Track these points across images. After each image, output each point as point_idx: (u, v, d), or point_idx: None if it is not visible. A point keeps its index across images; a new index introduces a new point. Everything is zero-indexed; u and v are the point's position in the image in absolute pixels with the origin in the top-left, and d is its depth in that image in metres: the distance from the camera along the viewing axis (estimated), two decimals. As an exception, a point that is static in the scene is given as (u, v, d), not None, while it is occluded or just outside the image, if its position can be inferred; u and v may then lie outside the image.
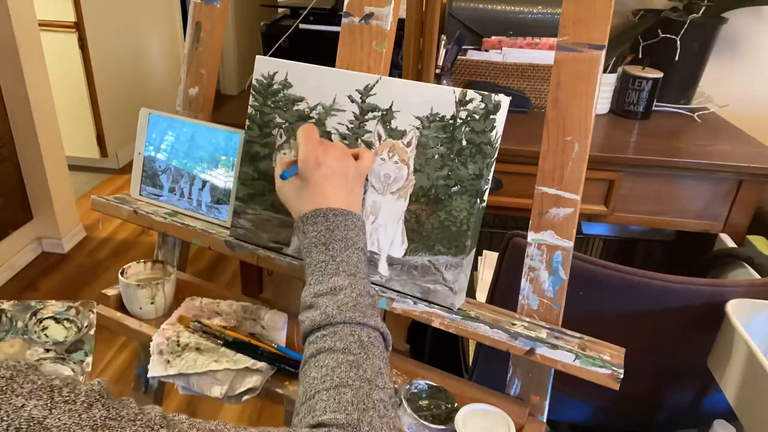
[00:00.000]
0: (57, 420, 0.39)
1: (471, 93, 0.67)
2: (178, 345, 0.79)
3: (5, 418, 0.38)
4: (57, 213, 2.41)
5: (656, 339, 0.93)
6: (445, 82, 1.45)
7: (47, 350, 0.70)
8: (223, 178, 0.88)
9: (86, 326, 0.74)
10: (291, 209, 0.67)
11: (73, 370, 0.68)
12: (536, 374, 0.74)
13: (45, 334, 0.74)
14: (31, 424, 0.38)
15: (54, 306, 0.76)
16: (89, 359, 0.70)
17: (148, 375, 0.75)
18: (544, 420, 0.75)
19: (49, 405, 0.39)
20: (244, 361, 0.76)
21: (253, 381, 0.74)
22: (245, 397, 0.74)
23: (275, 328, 0.83)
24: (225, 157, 0.88)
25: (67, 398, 0.40)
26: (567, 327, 0.72)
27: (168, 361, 0.76)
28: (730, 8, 1.55)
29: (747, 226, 1.39)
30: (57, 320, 0.75)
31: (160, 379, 0.76)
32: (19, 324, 0.74)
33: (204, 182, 0.90)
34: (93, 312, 0.76)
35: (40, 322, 0.75)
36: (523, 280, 0.73)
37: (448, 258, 0.70)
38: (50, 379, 0.41)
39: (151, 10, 3.50)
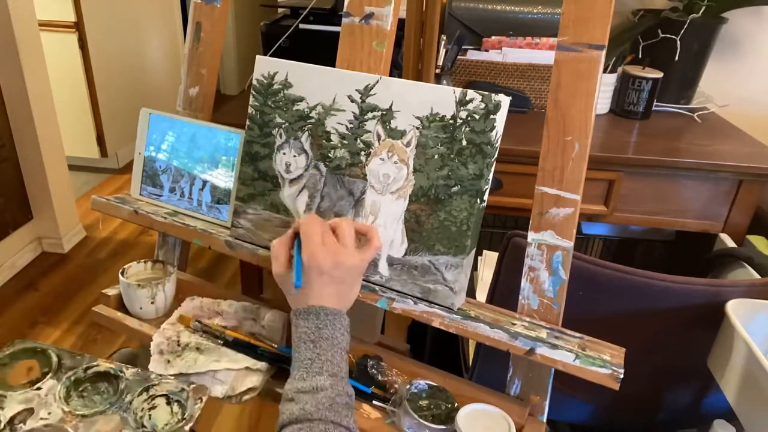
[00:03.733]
0: None
1: (471, 93, 0.67)
2: (179, 345, 0.79)
3: None
4: (57, 213, 2.41)
5: (656, 339, 0.93)
6: (445, 82, 1.45)
7: None
8: (224, 178, 0.88)
9: (188, 417, 0.68)
10: (287, 296, 0.71)
11: None
12: (536, 374, 0.74)
13: (150, 415, 0.68)
14: None
15: (169, 384, 0.71)
16: None
17: (149, 375, 0.75)
18: (544, 420, 0.75)
19: None
20: (245, 360, 0.76)
21: (253, 381, 0.74)
22: (246, 397, 0.74)
23: (276, 328, 0.83)
24: (225, 157, 0.88)
25: None
26: (567, 327, 0.72)
27: (168, 361, 0.76)
28: (730, 8, 1.55)
29: (747, 226, 1.39)
30: (169, 401, 0.70)
31: (161, 379, 0.76)
32: (128, 398, 0.69)
33: (204, 182, 0.90)
34: (201, 402, 0.70)
35: (152, 400, 0.69)
36: (523, 280, 0.73)
37: (448, 258, 0.70)
38: None
39: (151, 10, 3.50)
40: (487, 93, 0.66)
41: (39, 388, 0.68)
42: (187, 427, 0.67)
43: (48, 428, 0.62)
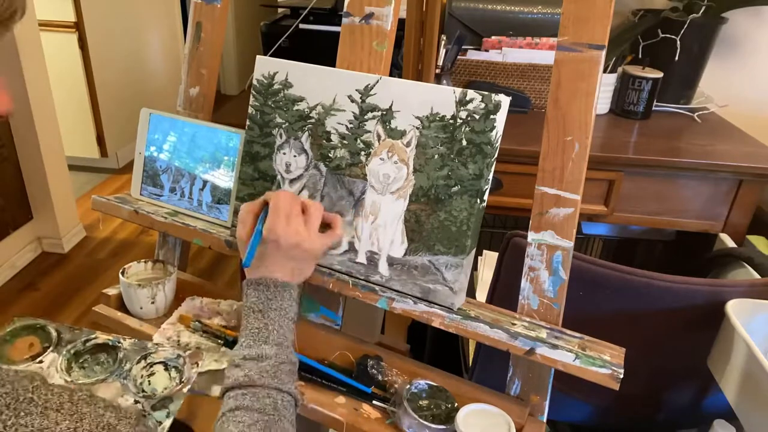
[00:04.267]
0: None
1: (471, 93, 0.67)
2: (179, 345, 0.79)
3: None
4: (57, 213, 2.41)
5: (656, 339, 0.93)
6: (445, 82, 1.45)
7: (136, 402, 0.68)
8: (224, 177, 0.88)
9: (185, 380, 0.71)
10: (244, 266, 0.72)
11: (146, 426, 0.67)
12: (536, 374, 0.74)
13: (149, 381, 0.71)
14: None
15: (165, 351, 0.74)
16: (168, 422, 0.66)
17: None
18: (544, 420, 0.75)
19: None
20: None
21: (253, 381, 0.74)
22: (245, 397, 0.74)
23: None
24: (225, 157, 0.88)
25: None
26: (567, 327, 0.72)
27: (168, 361, 0.76)
28: (730, 8, 1.55)
29: (747, 226, 1.39)
30: (167, 367, 0.73)
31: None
32: (127, 366, 0.72)
33: (204, 182, 0.90)
34: (197, 365, 0.73)
35: (150, 367, 0.73)
36: (523, 280, 0.73)
37: (448, 258, 0.70)
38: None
39: (151, 10, 3.50)
40: (487, 93, 0.66)
41: (41, 362, 0.71)
42: (185, 390, 0.70)
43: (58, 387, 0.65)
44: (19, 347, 0.72)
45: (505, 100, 0.66)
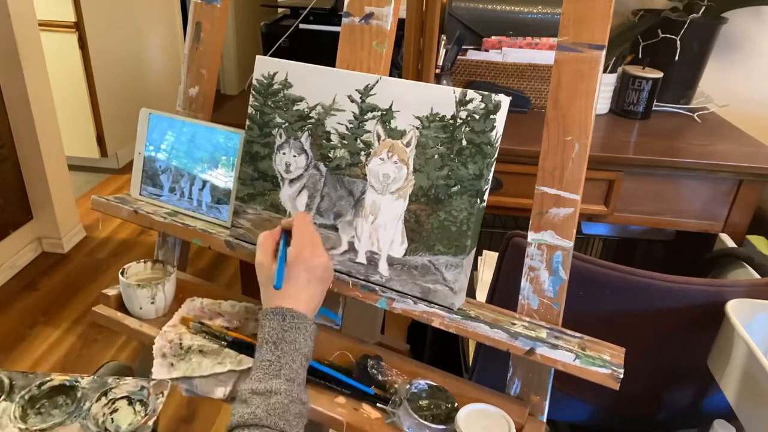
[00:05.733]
0: None
1: (471, 93, 0.67)
2: (181, 348, 0.78)
3: None
4: (57, 213, 2.41)
5: (656, 339, 0.93)
6: (445, 82, 1.45)
7: None
8: (224, 178, 0.88)
9: (150, 412, 0.67)
10: (262, 291, 0.71)
11: None
12: (536, 374, 0.74)
13: (112, 418, 0.67)
14: None
15: (127, 385, 0.70)
16: None
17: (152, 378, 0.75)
18: (544, 420, 0.75)
19: None
20: (248, 361, 0.76)
21: (253, 381, 0.74)
22: (246, 397, 0.74)
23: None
24: (225, 157, 0.88)
25: None
26: (567, 327, 0.72)
27: (172, 364, 0.76)
28: (730, 8, 1.55)
29: (747, 226, 1.39)
30: (131, 401, 0.69)
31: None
32: (86, 404, 0.67)
33: (204, 182, 0.90)
34: (162, 396, 0.69)
35: (112, 403, 0.68)
36: (523, 280, 0.73)
37: (448, 258, 0.70)
38: None
39: (151, 11, 3.50)
40: (487, 93, 0.66)
41: None
42: (150, 422, 0.66)
43: None
44: None
45: (505, 100, 0.66)
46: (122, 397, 0.70)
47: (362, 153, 0.73)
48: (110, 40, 3.09)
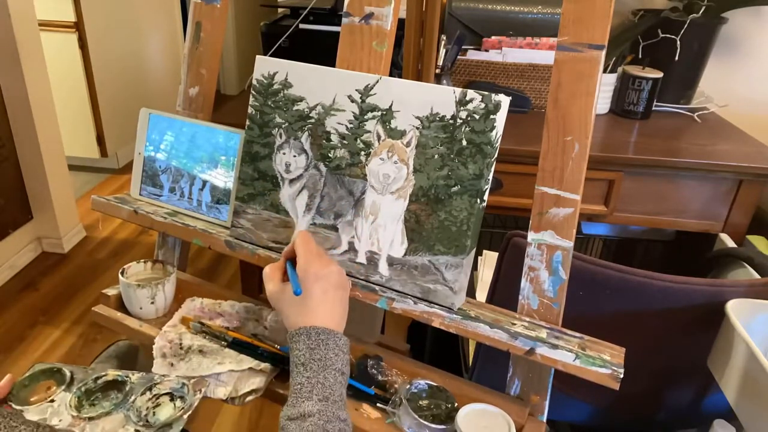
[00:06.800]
0: None
1: (471, 93, 0.67)
2: (181, 348, 0.78)
3: None
4: (57, 213, 2.41)
5: (656, 339, 0.93)
6: (445, 82, 1.45)
7: (136, 431, 0.68)
8: (223, 178, 0.88)
9: (187, 406, 0.70)
10: (284, 319, 0.69)
11: None
12: (536, 374, 0.74)
13: (154, 411, 0.71)
14: None
15: (171, 382, 0.73)
16: None
17: (149, 375, 0.75)
18: (544, 420, 0.75)
19: None
20: (248, 361, 0.76)
21: (257, 382, 0.74)
22: (249, 398, 0.74)
23: (279, 329, 0.83)
24: (225, 157, 0.88)
25: None
26: (567, 327, 0.72)
27: (172, 364, 0.76)
28: (730, 8, 1.55)
29: (747, 226, 1.39)
30: (173, 397, 0.72)
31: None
32: (132, 397, 0.72)
33: (204, 182, 0.90)
34: (200, 392, 0.72)
35: (156, 398, 0.72)
36: (523, 280, 0.73)
37: (448, 258, 0.70)
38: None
39: (151, 10, 3.50)
40: (487, 93, 0.66)
41: (52, 401, 0.72)
42: (185, 416, 0.69)
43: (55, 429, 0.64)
44: (37, 392, 0.73)
45: (505, 100, 0.66)
46: (165, 393, 0.73)
47: (362, 153, 0.73)
48: (110, 40, 3.08)
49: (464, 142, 0.67)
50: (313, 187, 0.77)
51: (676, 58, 1.52)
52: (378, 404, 0.74)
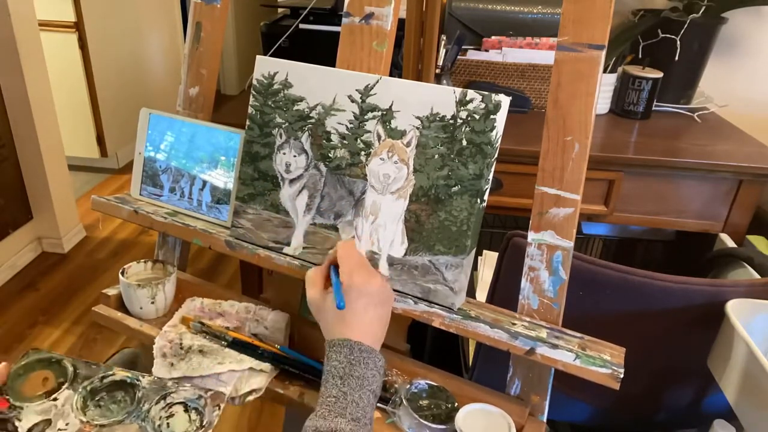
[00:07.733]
0: None
1: (471, 93, 0.67)
2: (182, 348, 0.78)
3: None
4: (57, 213, 2.41)
5: (656, 339, 0.93)
6: (445, 82, 1.45)
7: None
8: (224, 178, 0.88)
9: (206, 425, 0.66)
10: (321, 326, 0.68)
11: None
12: (536, 374, 0.74)
13: (168, 423, 0.66)
14: None
15: (186, 391, 0.69)
16: None
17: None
18: (544, 420, 0.75)
19: None
20: (248, 361, 0.76)
21: (257, 382, 0.74)
22: (249, 398, 0.74)
23: (279, 328, 0.83)
24: (225, 157, 0.88)
25: None
26: (567, 327, 0.72)
27: (172, 364, 0.76)
28: (730, 8, 1.55)
29: (747, 226, 1.39)
30: (187, 408, 0.68)
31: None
32: (146, 406, 0.67)
33: (204, 182, 0.90)
34: (219, 409, 0.67)
35: (170, 408, 0.68)
36: (523, 280, 0.73)
37: (448, 258, 0.70)
38: None
39: (151, 10, 3.50)
40: (487, 93, 0.66)
41: (55, 399, 0.68)
42: None
43: None
44: (32, 382, 0.69)
45: (505, 100, 0.66)
46: (179, 403, 0.69)
47: (362, 153, 0.73)
48: (110, 40, 3.09)
49: (464, 142, 0.67)
50: (314, 187, 0.77)
51: (676, 58, 1.52)
52: (378, 404, 0.74)
